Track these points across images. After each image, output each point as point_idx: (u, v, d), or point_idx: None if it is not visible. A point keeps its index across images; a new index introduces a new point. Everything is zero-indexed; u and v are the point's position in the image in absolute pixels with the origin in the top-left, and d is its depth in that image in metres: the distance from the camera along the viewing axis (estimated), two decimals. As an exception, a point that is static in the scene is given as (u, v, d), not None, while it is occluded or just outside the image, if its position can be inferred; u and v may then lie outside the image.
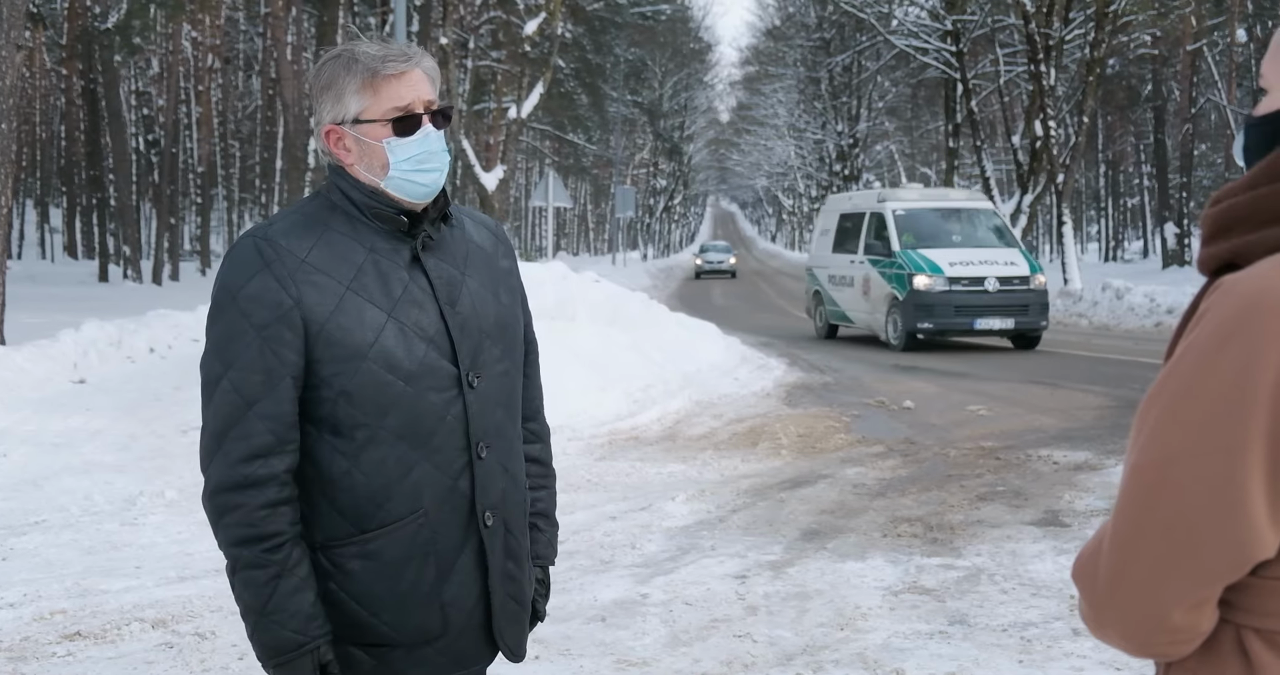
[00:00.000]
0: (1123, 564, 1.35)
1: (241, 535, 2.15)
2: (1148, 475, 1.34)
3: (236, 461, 2.15)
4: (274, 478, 2.16)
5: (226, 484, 2.16)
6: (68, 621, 5.53)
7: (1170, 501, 1.31)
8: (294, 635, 2.16)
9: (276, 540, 2.15)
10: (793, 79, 73.11)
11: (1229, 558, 1.30)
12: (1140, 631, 1.37)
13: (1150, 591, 1.34)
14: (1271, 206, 1.36)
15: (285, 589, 2.15)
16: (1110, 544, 1.37)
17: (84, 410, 11.03)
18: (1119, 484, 1.39)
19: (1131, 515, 1.35)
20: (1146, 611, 1.34)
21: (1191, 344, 1.33)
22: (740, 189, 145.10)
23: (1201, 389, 1.31)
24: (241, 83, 57.42)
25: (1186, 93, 40.87)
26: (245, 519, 2.15)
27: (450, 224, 2.39)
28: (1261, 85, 1.47)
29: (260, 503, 2.14)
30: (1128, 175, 62.02)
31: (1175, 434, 1.32)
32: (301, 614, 2.16)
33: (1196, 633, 1.36)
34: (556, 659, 4.99)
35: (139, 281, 35.00)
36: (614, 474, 9.05)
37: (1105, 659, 4.92)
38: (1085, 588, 1.40)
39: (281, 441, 2.17)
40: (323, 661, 2.19)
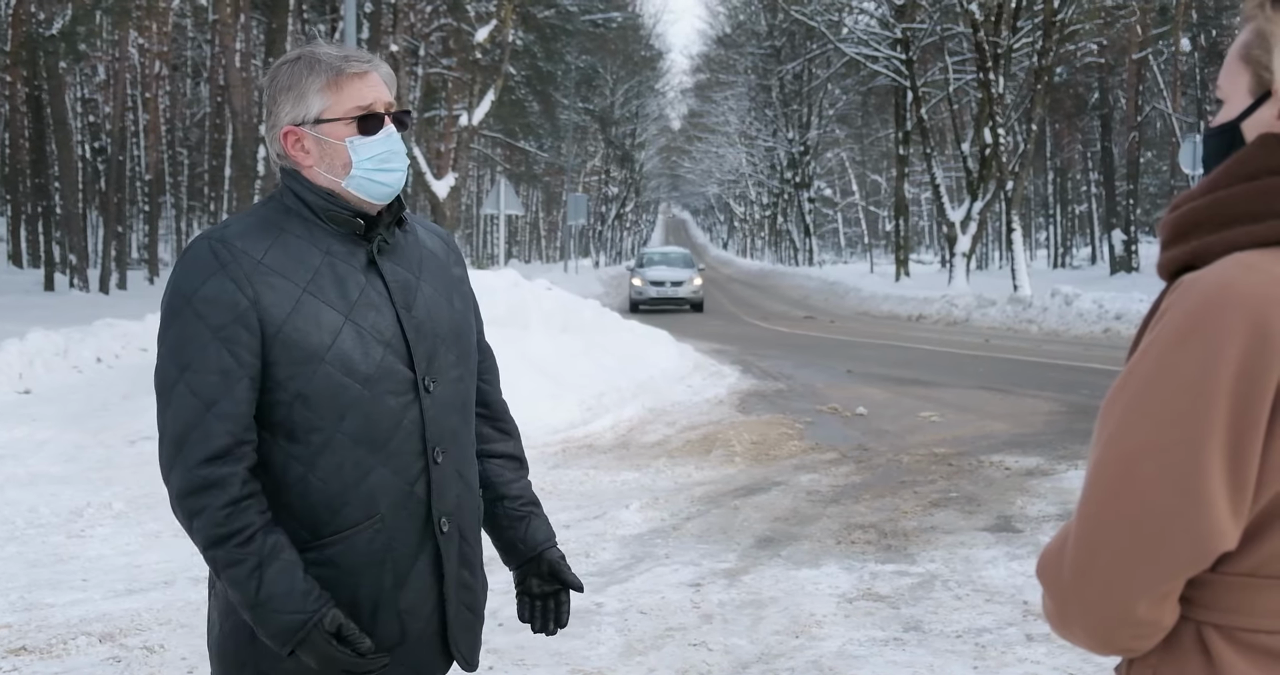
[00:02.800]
0: (1088, 558, 1.37)
1: (212, 536, 2.13)
2: (1112, 469, 1.36)
3: (195, 464, 2.12)
4: (233, 475, 2.13)
5: (188, 488, 2.13)
6: (13, 636, 5.44)
7: (1134, 495, 1.33)
8: (293, 616, 2.12)
9: (245, 534, 2.12)
10: (744, 86, 73.39)
11: (1193, 550, 1.32)
12: (1104, 626, 1.38)
13: (1115, 585, 1.35)
14: (1230, 209, 1.39)
15: (269, 576, 2.12)
16: (1075, 539, 1.38)
17: (29, 421, 10.88)
18: (1083, 480, 1.40)
19: (1096, 510, 1.37)
20: (1111, 605, 1.36)
21: (1154, 341, 1.36)
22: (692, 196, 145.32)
23: (1164, 384, 1.33)
24: (190, 90, 56.93)
25: (1132, 101, 41.34)
26: (212, 519, 2.12)
27: (404, 228, 2.38)
28: (1218, 97, 1.50)
29: (223, 502, 2.12)
30: (1075, 182, 62.64)
31: (1139, 429, 1.34)
32: (294, 594, 2.13)
33: (1159, 627, 1.38)
34: (511, 669, 4.96)
35: (86, 290, 34.57)
36: (567, 482, 9.02)
37: (1059, 664, 4.95)
38: (1050, 584, 1.42)
39: (239, 442, 2.14)
40: (330, 630, 2.14)
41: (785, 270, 61.80)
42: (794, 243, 71.24)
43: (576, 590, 2.56)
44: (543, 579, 2.54)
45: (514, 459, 2.60)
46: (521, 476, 2.60)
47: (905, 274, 43.78)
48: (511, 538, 2.54)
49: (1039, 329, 24.90)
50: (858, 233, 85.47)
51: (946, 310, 30.01)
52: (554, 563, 2.54)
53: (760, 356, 19.36)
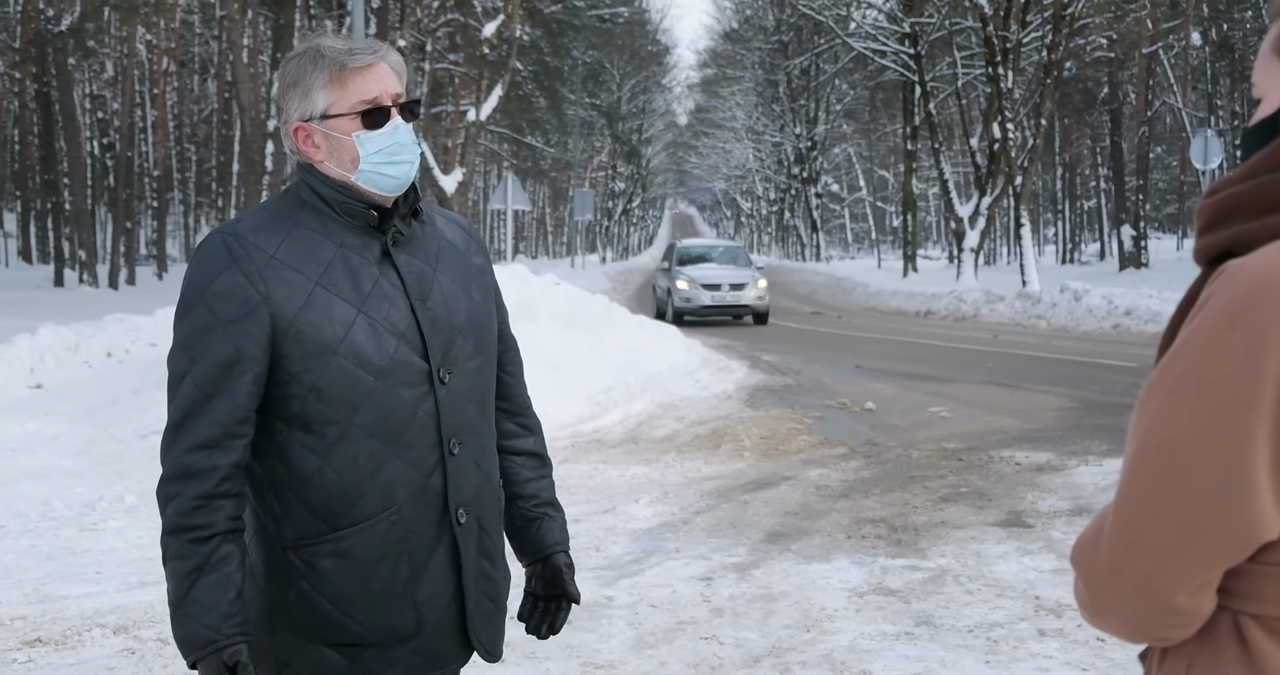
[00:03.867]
0: (1125, 546, 1.35)
1: (172, 524, 2.13)
2: (1152, 457, 1.33)
3: (182, 451, 2.14)
4: (215, 469, 2.13)
5: (170, 473, 2.15)
6: (28, 628, 5.46)
7: (1175, 483, 1.31)
8: (206, 630, 2.10)
9: (204, 532, 2.12)
10: (751, 82, 73.30)
11: (1234, 539, 1.30)
12: (1142, 615, 1.36)
13: (1153, 574, 1.33)
14: (1272, 194, 1.37)
15: (205, 583, 2.11)
16: (1112, 527, 1.36)
17: (41, 415, 10.91)
18: (1120, 469, 1.39)
19: (1135, 498, 1.34)
20: (1149, 595, 1.34)
21: (1196, 328, 1.34)
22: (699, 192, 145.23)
23: (1207, 370, 1.31)
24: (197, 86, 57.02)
25: (1142, 96, 41.23)
26: (179, 508, 2.12)
27: (421, 220, 2.38)
28: (1255, 94, 1.48)
29: (195, 493, 2.12)
30: (1084, 178, 62.58)
31: (1180, 416, 1.32)
32: (217, 610, 2.11)
33: (1197, 616, 1.36)
34: (523, 662, 4.97)
35: (95, 286, 34.64)
36: (576, 476, 9.03)
37: (1072, 659, 4.95)
38: (1085, 571, 1.40)
39: (228, 435, 2.15)
40: (231, 663, 2.10)
41: (792, 266, 61.77)
42: (801, 238, 71.20)
43: (572, 601, 2.54)
44: (545, 582, 2.53)
45: (535, 456, 2.58)
46: (541, 475, 2.59)
47: (913, 269, 43.76)
48: (523, 537, 2.54)
49: (1048, 324, 24.87)
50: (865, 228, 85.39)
51: (955, 306, 29.98)
52: (557, 569, 2.53)
53: (768, 352, 19.36)
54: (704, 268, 28.16)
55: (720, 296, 26.98)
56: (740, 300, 27.13)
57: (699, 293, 27.00)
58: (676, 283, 27.49)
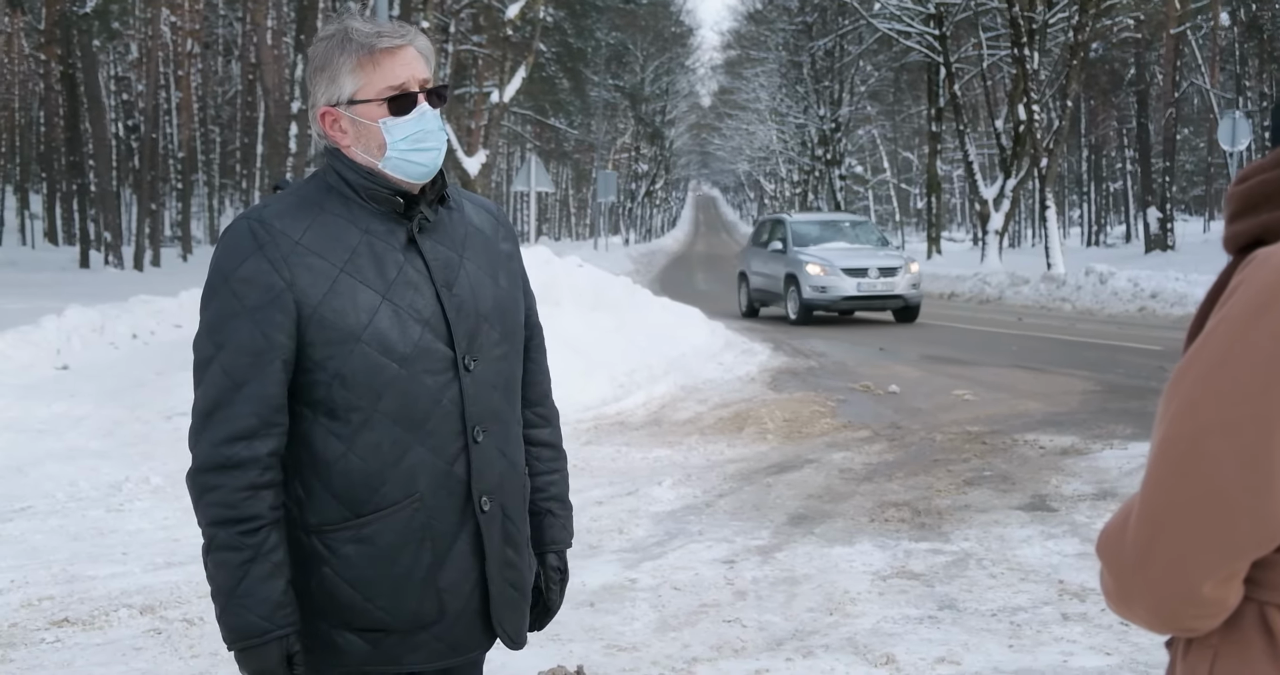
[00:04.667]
0: (1153, 537, 1.33)
1: (219, 516, 2.15)
2: (1179, 447, 1.32)
3: (219, 442, 2.15)
4: (256, 460, 2.15)
5: (208, 464, 2.15)
6: (56, 608, 5.51)
7: (1203, 473, 1.30)
8: (260, 621, 2.14)
9: (254, 524, 2.14)
10: (774, 63, 72.97)
11: (1262, 530, 1.29)
12: (1168, 605, 1.35)
13: (1180, 565, 1.32)
14: None
15: (257, 573, 2.14)
16: (1139, 517, 1.35)
17: (67, 396, 10.97)
18: (1147, 457, 1.38)
19: (1162, 487, 1.33)
20: (1175, 585, 1.33)
21: (1225, 316, 1.32)
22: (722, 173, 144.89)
23: (1236, 359, 1.29)
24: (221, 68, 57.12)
25: (1170, 77, 40.91)
26: (224, 500, 2.14)
27: (448, 206, 2.37)
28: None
29: (240, 484, 2.14)
30: (1110, 160, 62.21)
31: (1208, 405, 1.30)
32: (270, 600, 2.15)
33: (1224, 607, 1.35)
34: (546, 644, 4.98)
35: (120, 267, 34.81)
36: (600, 459, 9.04)
37: (1095, 643, 4.94)
38: (1111, 561, 1.39)
39: (266, 424, 2.16)
40: (290, 651, 2.16)
41: (816, 248, 61.50)
42: (825, 220, 70.90)
43: (548, 608, 2.54)
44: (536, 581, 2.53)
45: (550, 447, 2.57)
46: (554, 468, 2.57)
47: (937, 252, 43.61)
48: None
49: (1073, 307, 24.75)
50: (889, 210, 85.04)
51: (979, 288, 29.86)
52: (546, 571, 2.53)
53: (791, 334, 19.34)
54: (835, 248, 22.35)
55: (869, 285, 21.21)
56: (893, 289, 21.48)
57: (839, 280, 21.15)
58: (807, 268, 21.38)
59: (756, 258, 24.16)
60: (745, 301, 24.52)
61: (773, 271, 22.93)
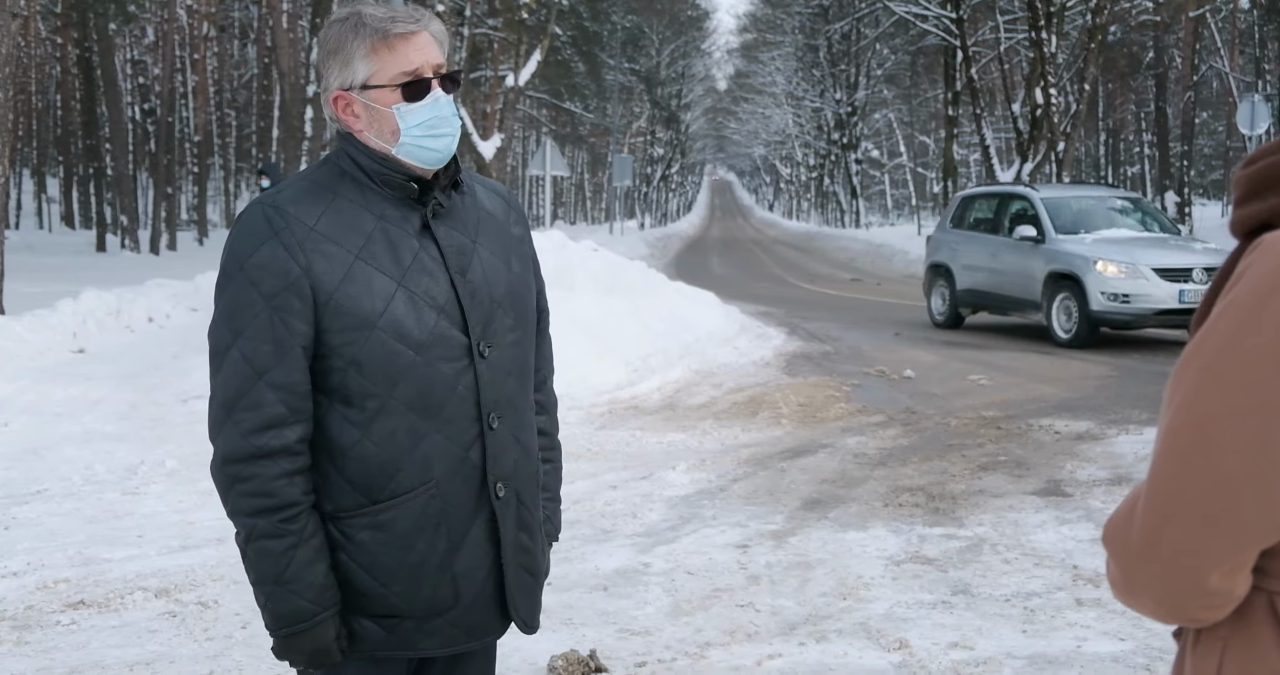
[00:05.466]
0: (1158, 527, 1.32)
1: (257, 506, 2.15)
2: (1184, 436, 1.30)
3: (248, 432, 2.14)
4: (287, 448, 2.15)
5: (238, 454, 2.15)
6: (71, 590, 5.53)
7: (1208, 463, 1.28)
8: (309, 605, 2.16)
9: (293, 510, 2.16)
10: (791, 46, 72.77)
11: (1269, 520, 1.28)
12: (1175, 596, 1.34)
13: (1186, 555, 1.30)
14: None
15: (301, 559, 2.16)
16: (1144, 507, 1.33)
17: (84, 379, 11.02)
18: (1154, 444, 1.36)
19: (1168, 476, 1.31)
20: (1182, 576, 1.32)
21: (1231, 302, 1.30)
22: (738, 158, 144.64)
23: (1242, 347, 1.27)
24: (237, 51, 57.13)
25: (1188, 60, 40.67)
26: (260, 489, 2.14)
27: (461, 191, 2.36)
28: None
29: (275, 473, 2.14)
30: (1128, 143, 61.89)
31: (1214, 393, 1.29)
32: (316, 584, 2.17)
33: (1232, 597, 1.33)
34: (559, 628, 4.99)
35: (136, 251, 34.92)
36: (614, 443, 9.04)
37: (1110, 629, 4.93)
38: (1117, 551, 1.37)
39: (294, 412, 2.16)
40: (338, 630, 2.21)
41: (831, 232, 61.42)
42: (840, 204, 70.81)
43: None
44: None
45: (545, 435, 2.56)
46: (548, 459, 2.57)
47: (953, 236, 43.37)
48: None
49: (1089, 292, 24.62)
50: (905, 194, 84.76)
51: (995, 273, 29.72)
52: None
53: (806, 319, 19.29)
54: (1120, 237, 15.67)
55: (1194, 293, 14.27)
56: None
57: (1149, 286, 14.41)
58: (1096, 267, 14.72)
59: (968, 246, 17.54)
60: (944, 305, 17.86)
61: (1011, 267, 16.43)
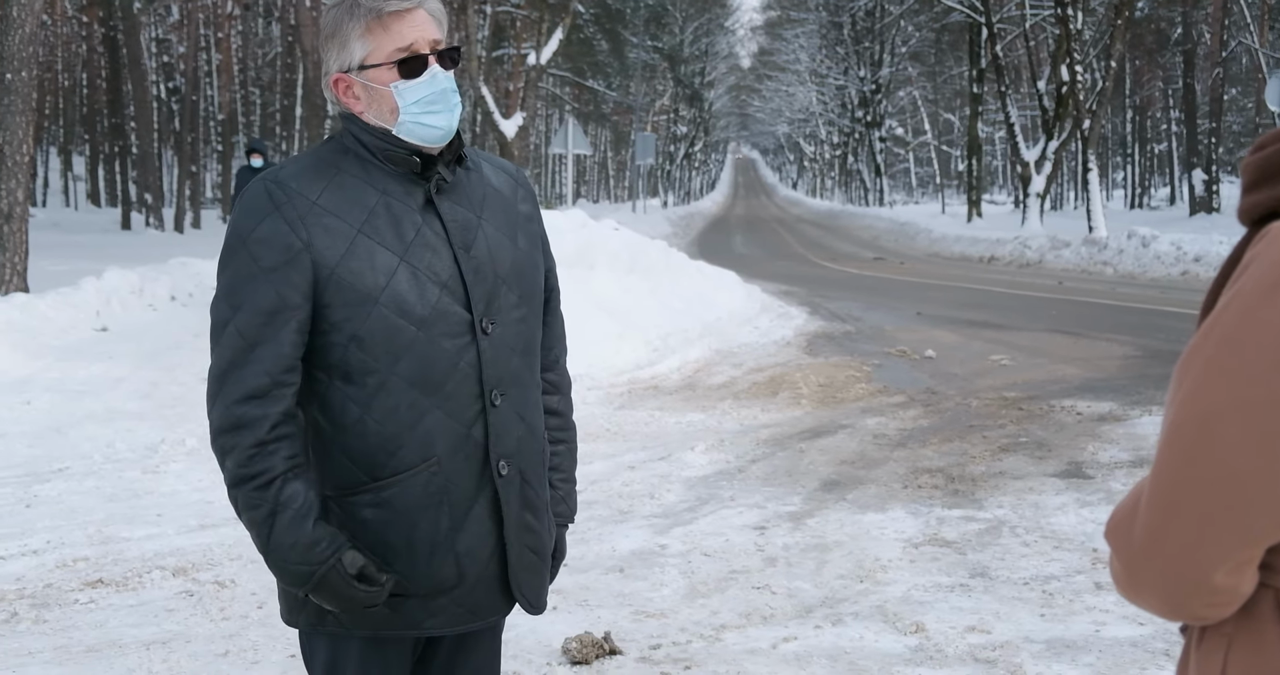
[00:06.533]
0: (1162, 523, 1.28)
1: (236, 475, 2.15)
2: (1189, 430, 1.27)
3: (231, 402, 2.14)
4: (265, 417, 2.13)
5: (223, 425, 2.15)
6: (90, 568, 5.55)
7: (1213, 457, 1.25)
8: (300, 566, 2.15)
9: (265, 478, 2.13)
10: (815, 24, 72.46)
11: (1276, 516, 1.24)
12: (1178, 593, 1.30)
13: (1190, 552, 1.27)
14: None
15: (281, 524, 2.14)
16: (1149, 502, 1.30)
17: (106, 358, 11.06)
18: (1158, 439, 1.32)
19: (1171, 472, 1.28)
20: (1186, 573, 1.28)
21: (1237, 293, 1.26)
22: (761, 136, 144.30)
23: (1248, 340, 1.24)
24: (261, 29, 57.16)
25: (1217, 36, 40.27)
26: (238, 459, 2.14)
27: (466, 167, 2.35)
28: None
29: (250, 442, 2.13)
30: (1155, 121, 61.40)
31: (1219, 387, 1.25)
32: (300, 544, 2.14)
33: (1237, 595, 1.30)
34: (575, 609, 4.98)
35: (161, 229, 35.02)
36: (633, 423, 9.03)
37: (1129, 613, 4.89)
38: (1120, 547, 1.34)
39: (276, 384, 2.14)
40: (346, 574, 2.16)
41: (855, 210, 61.25)
42: (864, 183, 70.57)
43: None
44: None
45: (558, 416, 2.53)
46: (561, 439, 2.54)
47: (977, 215, 43.23)
48: None
49: (1114, 271, 24.51)
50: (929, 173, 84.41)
51: (1019, 252, 29.62)
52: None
53: (828, 298, 19.24)
54: None
55: None
56: None
57: None
58: None
59: None
60: None
61: None
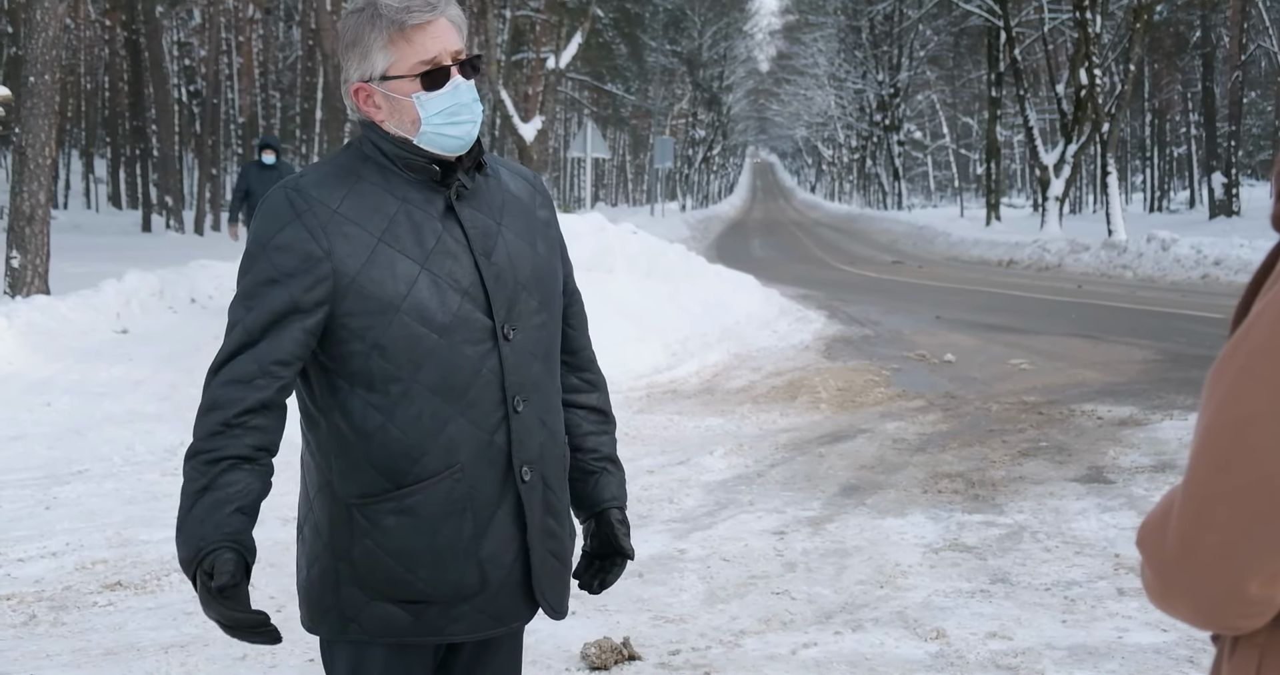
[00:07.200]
0: (1195, 531, 1.26)
1: (191, 448, 2.13)
2: (1223, 437, 1.25)
3: (217, 385, 2.14)
4: (240, 400, 2.11)
5: (202, 406, 2.14)
6: (109, 571, 5.56)
7: (1247, 465, 1.22)
8: (187, 547, 2.05)
9: (215, 454, 2.09)
10: (833, 27, 72.39)
11: None
12: (1212, 603, 1.28)
13: (1224, 561, 1.24)
14: None
15: (205, 502, 2.07)
16: (1181, 510, 1.28)
17: (126, 360, 11.10)
18: (1190, 446, 1.31)
19: (1204, 479, 1.26)
20: (1220, 582, 1.26)
21: (1271, 301, 1.24)
22: (780, 139, 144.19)
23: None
24: (282, 33, 57.33)
25: (1236, 39, 40.10)
26: (197, 433, 2.12)
27: (485, 173, 2.34)
28: None
29: (216, 421, 2.11)
30: (1174, 124, 61.15)
31: (1254, 394, 1.23)
32: (209, 523, 2.05)
33: (1271, 605, 1.27)
34: (593, 614, 4.97)
35: (181, 232, 35.17)
36: (651, 427, 9.02)
37: (1152, 620, 4.86)
38: (1152, 556, 1.32)
39: (263, 373, 2.12)
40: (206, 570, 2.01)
41: (873, 214, 61.15)
42: (883, 186, 70.45)
43: (626, 557, 2.50)
44: (599, 539, 2.50)
45: (597, 411, 2.54)
46: (604, 430, 2.55)
47: (996, 218, 43.13)
48: (580, 490, 2.50)
49: (1134, 275, 24.41)
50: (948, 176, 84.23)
51: (1038, 255, 29.53)
52: (611, 525, 2.49)
53: (847, 302, 19.21)
54: None
55: None
56: None
57: None
58: None
59: None
60: None
61: None
